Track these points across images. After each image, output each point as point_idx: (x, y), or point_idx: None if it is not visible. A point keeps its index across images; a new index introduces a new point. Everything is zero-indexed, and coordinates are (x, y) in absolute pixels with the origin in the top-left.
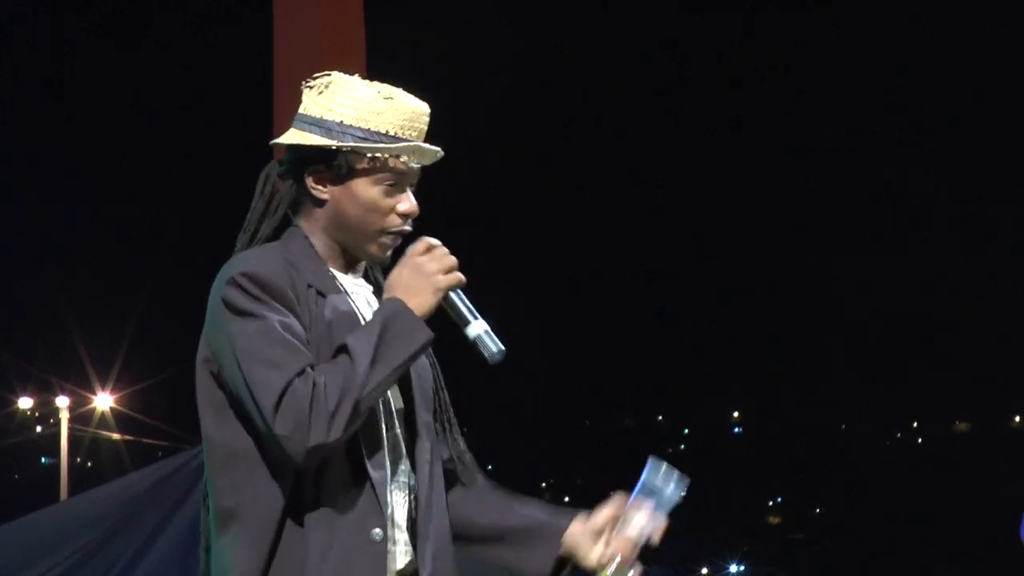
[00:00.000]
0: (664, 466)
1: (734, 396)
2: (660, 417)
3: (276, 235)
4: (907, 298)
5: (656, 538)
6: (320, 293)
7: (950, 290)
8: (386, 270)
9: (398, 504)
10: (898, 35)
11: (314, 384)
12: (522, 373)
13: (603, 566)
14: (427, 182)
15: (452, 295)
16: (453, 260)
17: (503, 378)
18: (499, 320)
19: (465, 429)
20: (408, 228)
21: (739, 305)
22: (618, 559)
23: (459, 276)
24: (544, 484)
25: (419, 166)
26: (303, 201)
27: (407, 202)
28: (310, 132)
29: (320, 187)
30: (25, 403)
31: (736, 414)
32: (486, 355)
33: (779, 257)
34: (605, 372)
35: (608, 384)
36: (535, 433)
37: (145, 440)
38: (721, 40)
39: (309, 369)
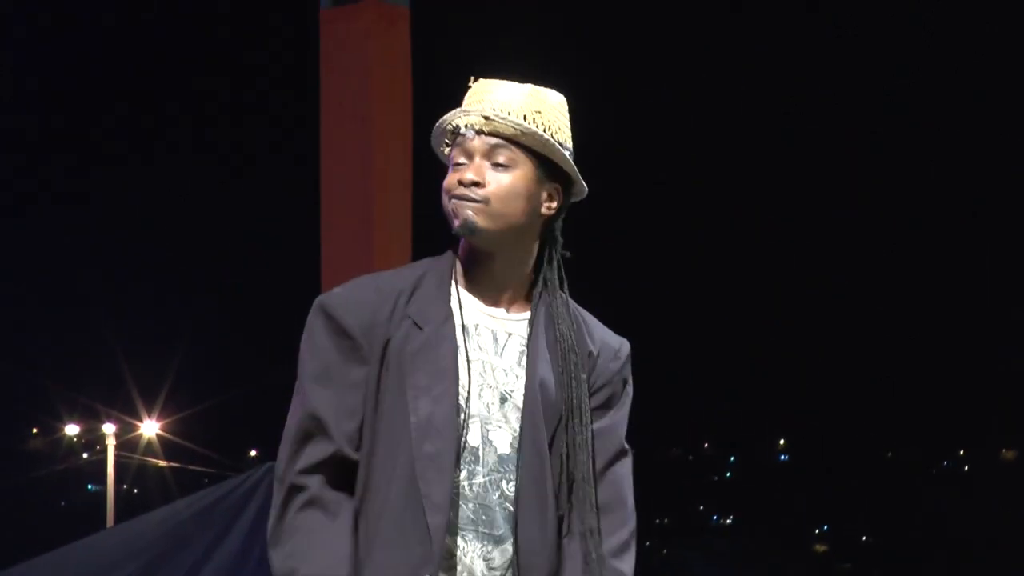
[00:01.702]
0: None
1: (780, 424)
2: (706, 446)
3: None
4: (955, 326)
5: None
6: (417, 325)
7: (999, 320)
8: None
9: (472, 554)
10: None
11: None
12: None
13: None
14: None
15: None
16: None
17: None
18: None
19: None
20: (468, 193)
21: (785, 332)
22: None
23: None
24: None
25: (475, 133)
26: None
27: (466, 171)
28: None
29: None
30: (72, 430)
31: (782, 442)
32: None
33: (826, 284)
34: (650, 401)
35: (653, 413)
36: None
37: (191, 467)
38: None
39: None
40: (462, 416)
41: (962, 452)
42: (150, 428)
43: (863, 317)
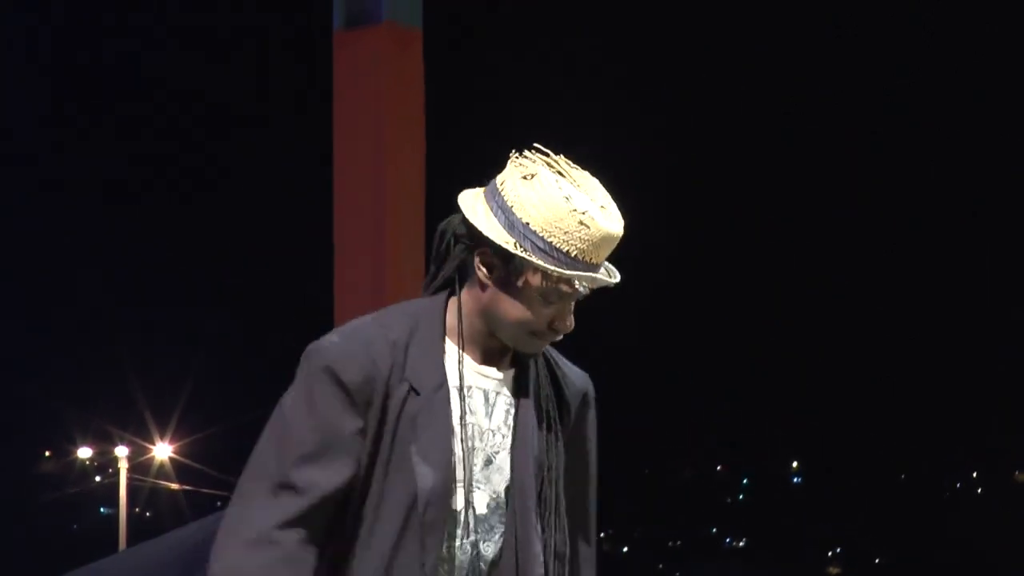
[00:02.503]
0: None
1: (794, 446)
2: (719, 467)
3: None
4: (968, 349)
5: None
6: (414, 390)
7: (999, 319)
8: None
9: None
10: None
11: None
12: None
13: None
14: None
15: None
16: None
17: None
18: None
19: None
20: (558, 337)
21: (798, 353)
22: None
23: None
24: (602, 535)
25: (588, 289)
26: (470, 272)
27: (565, 319)
28: (495, 214)
29: (485, 270)
30: (84, 453)
31: (795, 464)
32: None
33: (837, 304)
34: (663, 422)
35: (666, 434)
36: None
37: (204, 490)
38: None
39: (286, 530)
40: (452, 483)
41: (975, 475)
42: (163, 451)
43: (877, 338)
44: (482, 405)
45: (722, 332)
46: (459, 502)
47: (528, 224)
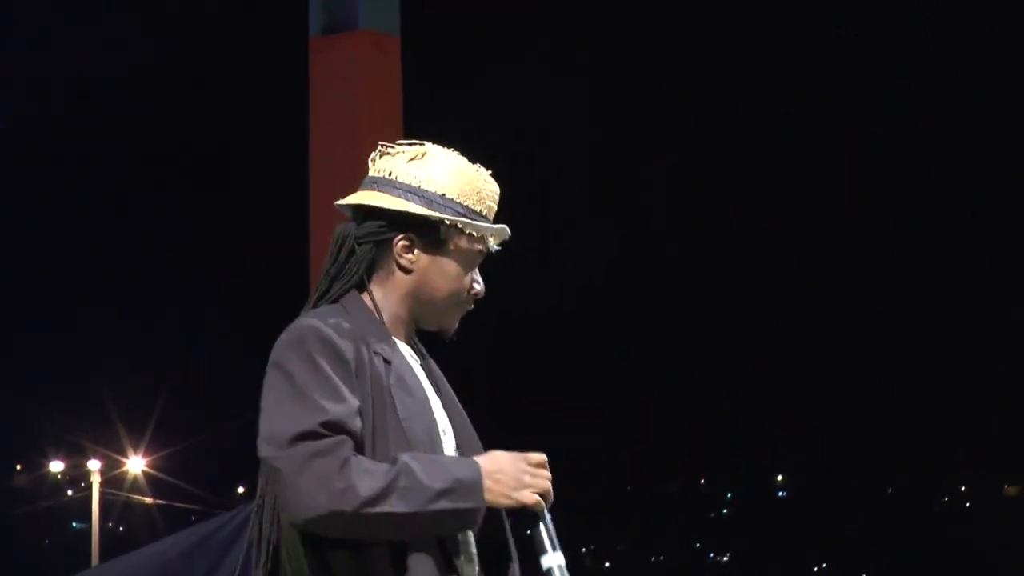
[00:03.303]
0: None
1: (778, 459)
2: (702, 481)
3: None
4: (960, 358)
5: None
6: (386, 361)
7: (999, 320)
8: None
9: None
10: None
11: (346, 458)
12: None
13: None
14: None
15: (540, 519)
16: (549, 486)
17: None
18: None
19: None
20: (470, 306)
21: (782, 364)
22: None
23: (542, 502)
24: (584, 549)
25: (495, 248)
26: (382, 266)
27: (479, 282)
28: (407, 199)
29: (409, 255)
30: (56, 466)
31: (780, 478)
32: None
33: (824, 314)
34: (646, 436)
35: (649, 448)
36: (576, 498)
37: (178, 504)
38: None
39: (346, 437)
40: (440, 442)
41: (963, 488)
42: (136, 464)
43: (864, 348)
44: (424, 378)
45: (702, 345)
46: (451, 450)
47: (444, 194)
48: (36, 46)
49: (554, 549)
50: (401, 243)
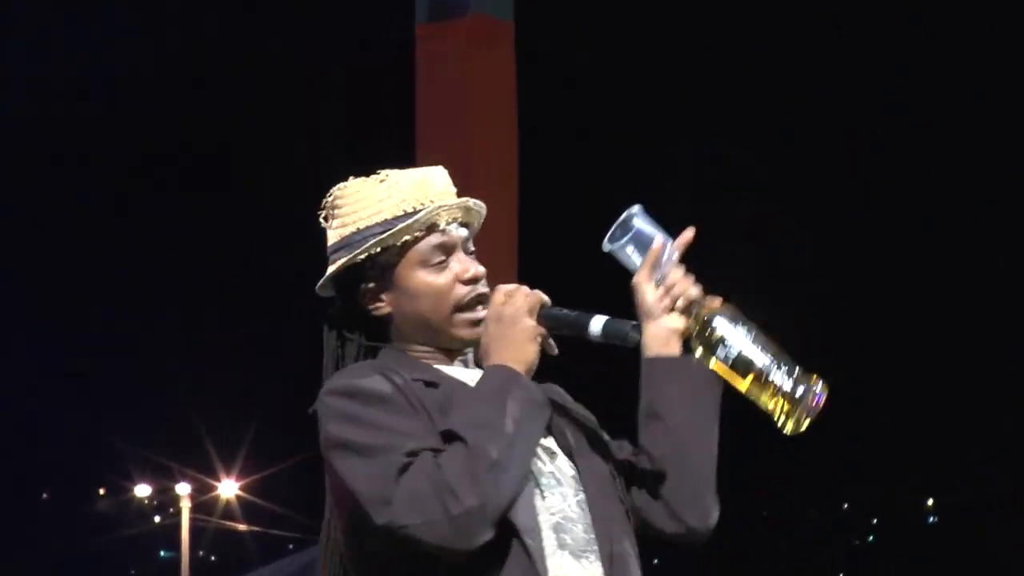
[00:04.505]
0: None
1: (928, 482)
2: (846, 506)
3: None
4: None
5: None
6: (429, 384)
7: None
8: None
9: (576, 571)
10: None
11: (434, 464)
12: None
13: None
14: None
15: (552, 313)
16: (537, 295)
17: None
18: None
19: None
20: (483, 290)
21: (933, 378)
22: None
23: (540, 296)
24: None
25: (460, 227)
26: (374, 328)
27: (465, 266)
28: (337, 259)
29: (377, 303)
30: (142, 491)
31: (930, 502)
32: (624, 342)
33: (973, 329)
34: (784, 460)
35: (788, 473)
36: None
37: (274, 531)
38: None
39: (426, 452)
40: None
41: None
42: (228, 488)
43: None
44: None
45: (845, 362)
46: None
47: (358, 229)
48: (36, 46)
49: (591, 315)
50: (364, 300)
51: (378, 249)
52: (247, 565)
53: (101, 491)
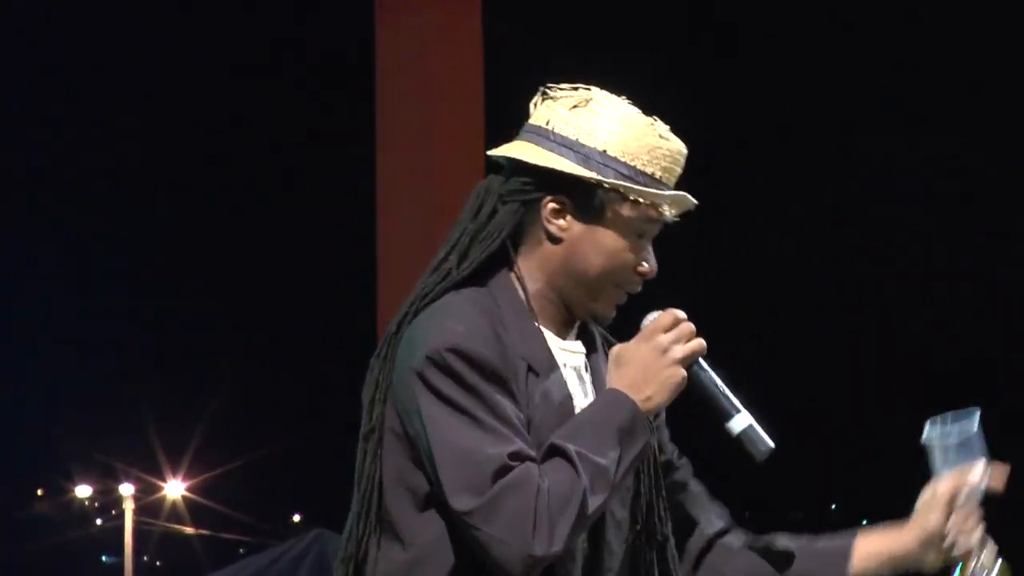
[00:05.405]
0: (942, 418)
1: (918, 483)
2: (833, 507)
3: (487, 265)
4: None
5: (994, 482)
6: (533, 370)
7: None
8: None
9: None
10: None
11: (538, 486)
12: None
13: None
14: None
15: (703, 378)
16: (700, 345)
17: None
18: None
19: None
20: (638, 288)
21: (924, 376)
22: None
23: (703, 347)
24: None
25: (673, 217)
26: (530, 231)
27: (650, 260)
28: (560, 154)
29: (559, 221)
30: (83, 491)
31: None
32: (753, 453)
33: (966, 329)
34: (768, 461)
35: (773, 472)
36: None
37: (224, 535)
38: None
39: (531, 463)
40: None
41: None
42: (175, 489)
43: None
44: (578, 385)
45: (833, 360)
46: None
47: (606, 151)
48: (36, 45)
49: (739, 410)
50: (550, 206)
51: (613, 184)
52: (195, 571)
53: (39, 492)
